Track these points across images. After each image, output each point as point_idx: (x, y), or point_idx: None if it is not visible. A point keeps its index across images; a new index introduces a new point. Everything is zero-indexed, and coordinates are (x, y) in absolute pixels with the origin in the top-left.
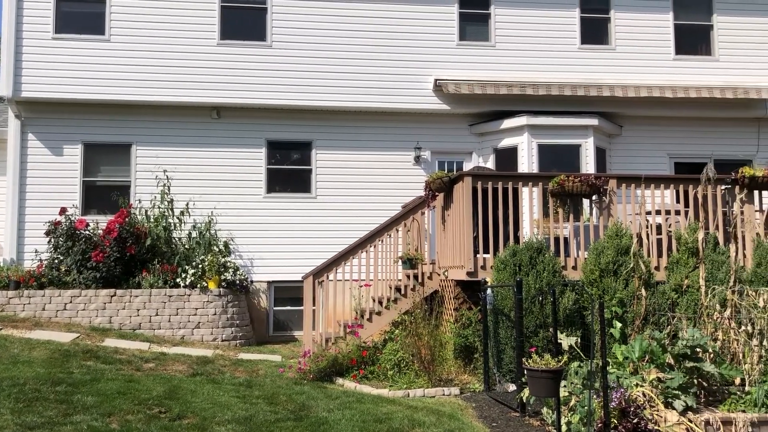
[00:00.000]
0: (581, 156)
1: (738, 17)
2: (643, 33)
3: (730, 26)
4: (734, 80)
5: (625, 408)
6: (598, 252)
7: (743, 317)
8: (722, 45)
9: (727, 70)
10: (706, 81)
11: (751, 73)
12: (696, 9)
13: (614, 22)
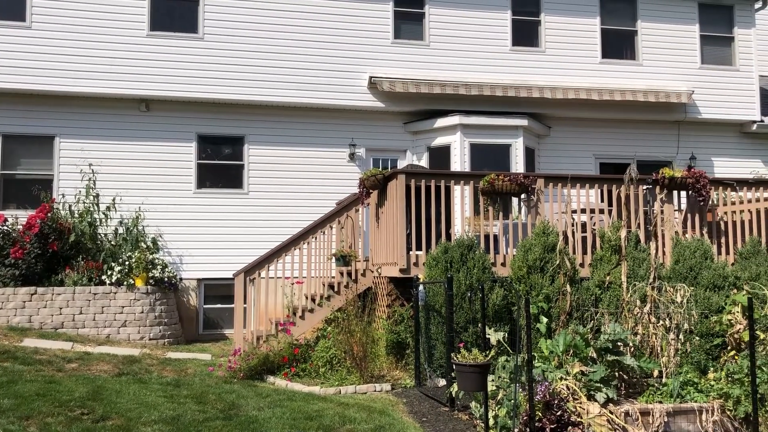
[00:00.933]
0: (511, 155)
1: (661, 24)
2: (571, 36)
3: (654, 32)
4: (657, 84)
5: (550, 401)
6: (526, 249)
7: (662, 312)
8: (646, 50)
9: (650, 74)
10: (631, 84)
11: (673, 78)
12: (622, 15)
13: (544, 25)
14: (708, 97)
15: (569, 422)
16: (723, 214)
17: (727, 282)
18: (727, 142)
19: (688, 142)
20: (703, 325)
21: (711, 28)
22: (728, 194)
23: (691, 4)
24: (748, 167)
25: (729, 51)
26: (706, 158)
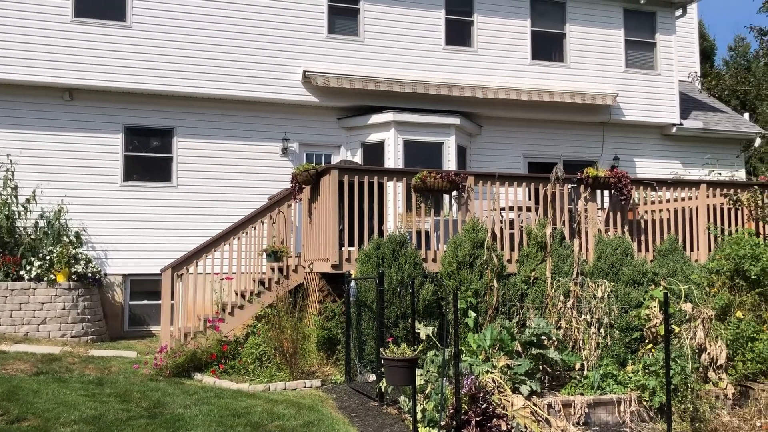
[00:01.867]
0: (444, 153)
1: (588, 27)
2: (503, 37)
3: (581, 36)
4: (583, 86)
5: (476, 394)
6: (456, 245)
7: (584, 307)
8: (573, 53)
9: (577, 76)
10: (559, 86)
11: (599, 80)
12: (551, 17)
13: (477, 26)
14: (631, 100)
15: (494, 414)
16: (643, 213)
17: (646, 278)
18: (648, 144)
19: (612, 143)
20: (623, 320)
21: (635, 34)
22: (648, 194)
23: (617, 10)
24: (668, 168)
25: (651, 56)
26: (629, 159)
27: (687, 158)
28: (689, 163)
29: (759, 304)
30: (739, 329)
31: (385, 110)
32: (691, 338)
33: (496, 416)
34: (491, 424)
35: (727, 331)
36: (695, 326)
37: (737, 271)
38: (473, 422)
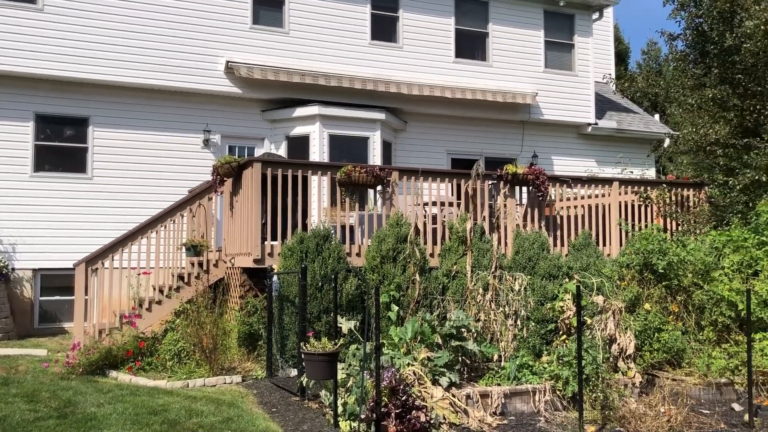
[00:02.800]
0: (369, 148)
1: (510, 27)
2: (427, 34)
3: (503, 35)
4: (505, 85)
5: (396, 386)
6: (380, 240)
7: (502, 300)
8: (496, 52)
9: (499, 75)
10: (482, 84)
11: (519, 80)
12: (475, 16)
13: (402, 22)
14: (550, 100)
15: (414, 406)
16: (560, 209)
17: (561, 272)
18: (566, 142)
19: (531, 141)
20: (539, 312)
21: (554, 35)
22: (564, 191)
23: (538, 11)
24: (583, 166)
25: (570, 57)
26: (547, 157)
27: (601, 157)
28: (603, 161)
29: (665, 296)
30: (647, 321)
31: (310, 103)
32: (603, 329)
33: (416, 408)
34: (411, 416)
35: (636, 323)
36: (606, 318)
37: (646, 265)
38: (393, 414)
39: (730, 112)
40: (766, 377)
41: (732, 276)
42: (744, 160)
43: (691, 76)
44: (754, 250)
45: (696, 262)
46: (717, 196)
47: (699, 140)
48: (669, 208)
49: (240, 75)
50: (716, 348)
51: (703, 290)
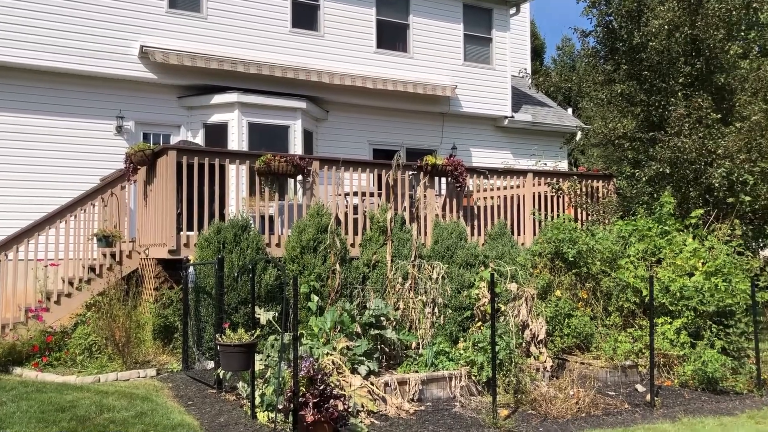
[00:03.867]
0: (290, 137)
1: (430, 20)
2: (349, 24)
3: (424, 27)
4: (426, 77)
5: (314, 376)
6: (300, 230)
7: (421, 288)
8: (416, 44)
9: (420, 67)
10: (403, 76)
11: (439, 72)
12: (396, 7)
13: (323, 10)
14: (469, 93)
15: (332, 395)
16: (477, 200)
17: (477, 260)
18: (483, 135)
19: (451, 133)
20: (456, 300)
21: (473, 28)
22: (482, 182)
23: (457, 4)
24: (500, 158)
25: (488, 51)
26: (466, 148)
27: (517, 149)
28: (519, 153)
29: (575, 283)
30: (558, 307)
31: (229, 90)
32: (516, 316)
33: (334, 397)
34: (329, 404)
35: (548, 309)
36: (520, 305)
37: (557, 253)
38: (311, 404)
39: (637, 107)
40: (667, 359)
41: (637, 264)
42: (649, 153)
43: (602, 72)
44: (658, 239)
45: (604, 251)
46: (625, 188)
47: (608, 134)
48: (579, 199)
49: (155, 60)
50: (622, 332)
51: (610, 277)
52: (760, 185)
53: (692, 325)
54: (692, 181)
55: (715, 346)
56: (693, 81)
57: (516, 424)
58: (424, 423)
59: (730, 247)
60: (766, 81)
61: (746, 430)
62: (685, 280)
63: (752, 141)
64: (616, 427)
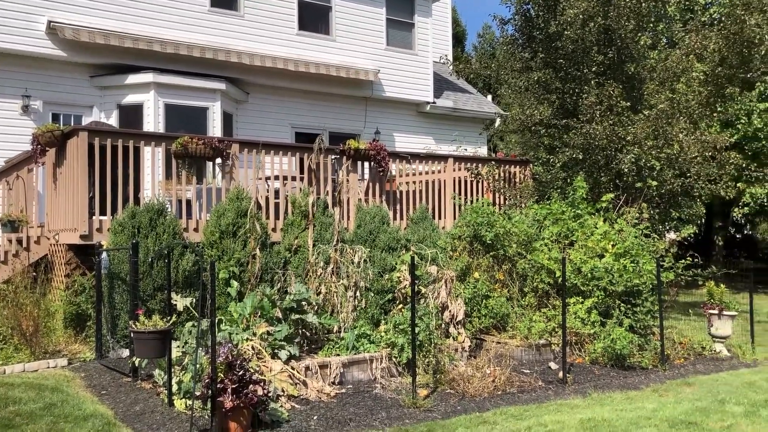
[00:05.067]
0: (209, 119)
1: (353, 3)
2: (270, 4)
3: (346, 10)
4: (348, 61)
5: (232, 362)
6: (220, 214)
7: (343, 272)
8: (339, 27)
9: (343, 50)
10: (325, 59)
11: (362, 56)
12: None
13: None
14: (391, 77)
15: (251, 380)
16: (400, 184)
17: (399, 244)
18: (406, 120)
19: (374, 118)
20: (378, 283)
21: (396, 13)
22: (404, 166)
23: None
24: (422, 143)
25: (410, 36)
26: (389, 133)
27: (439, 134)
28: (441, 139)
29: (492, 265)
30: (476, 288)
31: (144, 70)
32: (436, 298)
33: (253, 382)
34: (248, 390)
35: (466, 291)
36: (440, 287)
37: (476, 236)
38: (229, 390)
39: (552, 95)
40: (579, 338)
41: (551, 246)
42: (564, 139)
43: (520, 60)
44: (571, 222)
45: (520, 234)
46: (540, 173)
47: (525, 120)
48: (498, 184)
49: (65, 37)
50: (537, 312)
51: (526, 259)
52: (666, 170)
53: (602, 304)
54: (603, 167)
55: (623, 325)
56: (605, 70)
57: (435, 403)
58: (344, 405)
59: (638, 229)
60: (672, 71)
61: (651, 402)
62: (596, 262)
63: (659, 128)
64: (530, 403)
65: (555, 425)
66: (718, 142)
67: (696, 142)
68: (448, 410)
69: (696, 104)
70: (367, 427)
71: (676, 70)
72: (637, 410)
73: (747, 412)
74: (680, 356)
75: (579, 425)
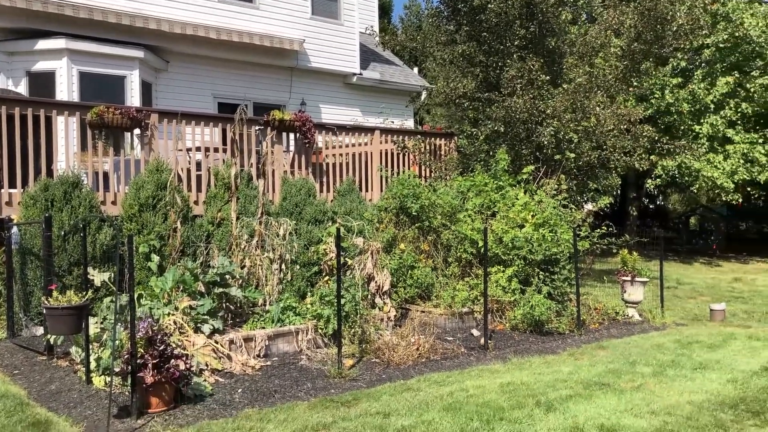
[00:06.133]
0: (127, 88)
1: None
2: None
3: None
4: (272, 30)
5: (153, 337)
6: (139, 187)
7: (268, 245)
8: None
9: (267, 19)
10: (249, 27)
11: (287, 25)
12: None
13: None
14: (317, 48)
15: (173, 355)
16: (326, 156)
17: (326, 216)
18: (332, 91)
19: (300, 88)
20: (305, 256)
21: None
22: (331, 138)
23: None
24: (349, 115)
25: (336, 6)
26: (315, 105)
27: (366, 107)
28: (368, 111)
29: (418, 237)
30: (402, 259)
31: (56, 36)
32: (362, 269)
33: (175, 357)
34: (169, 365)
35: (392, 262)
36: (366, 258)
37: (402, 208)
38: (150, 365)
39: (476, 68)
40: (500, 305)
41: (474, 217)
42: (487, 112)
43: (444, 32)
44: (493, 193)
45: (444, 205)
46: (465, 146)
47: (450, 93)
48: (423, 157)
49: None
50: (460, 282)
51: (450, 230)
52: (583, 143)
53: (522, 272)
54: (524, 140)
55: (542, 292)
56: (527, 44)
57: (360, 372)
58: (269, 378)
59: (556, 200)
60: (591, 46)
61: (567, 366)
62: (516, 232)
63: (577, 102)
64: (453, 370)
65: (476, 390)
66: (633, 115)
67: (612, 116)
68: (373, 379)
69: (613, 78)
70: (292, 398)
71: (594, 45)
72: (554, 373)
73: (655, 372)
74: (595, 321)
75: (499, 389)
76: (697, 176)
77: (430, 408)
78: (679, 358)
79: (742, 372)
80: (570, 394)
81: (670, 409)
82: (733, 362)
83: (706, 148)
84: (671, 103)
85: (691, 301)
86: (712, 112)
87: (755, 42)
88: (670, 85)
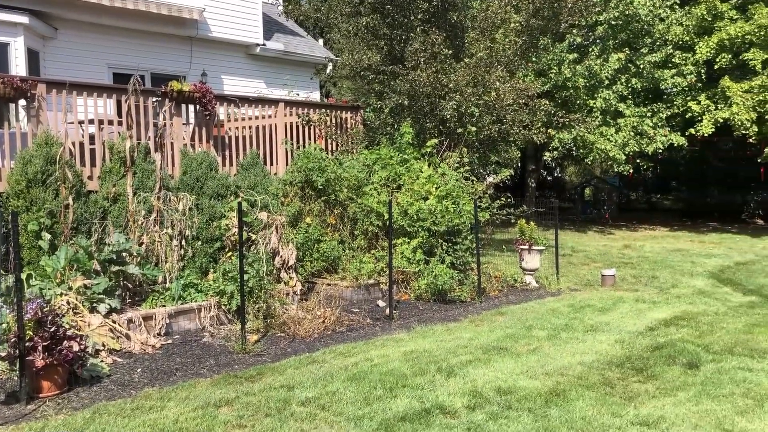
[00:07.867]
0: (10, 56)
1: None
2: None
3: None
4: None
5: (43, 318)
6: (26, 161)
7: (167, 221)
8: None
9: None
10: None
11: None
12: None
13: None
14: (218, 17)
15: (65, 336)
16: (229, 129)
17: (229, 191)
18: (235, 62)
19: (201, 59)
20: (207, 231)
21: None
22: (233, 111)
23: None
24: (253, 87)
25: None
26: (217, 76)
27: (270, 78)
28: (273, 83)
29: (324, 210)
30: (308, 233)
31: None
32: (267, 244)
33: (68, 338)
34: (62, 347)
35: (298, 236)
36: (270, 233)
37: (307, 182)
38: (40, 348)
39: (381, 41)
40: (405, 276)
41: (380, 190)
42: (392, 85)
43: (349, 3)
44: (398, 166)
45: (351, 179)
46: (371, 119)
47: (355, 66)
48: (329, 130)
49: None
50: (367, 254)
51: (356, 203)
52: (484, 117)
53: (427, 243)
54: (428, 113)
55: (445, 262)
56: (430, 17)
57: (265, 347)
58: (171, 356)
59: (459, 173)
60: (492, 21)
61: (468, 332)
62: (421, 204)
63: (478, 76)
64: (358, 341)
65: (381, 359)
66: (531, 89)
67: (512, 90)
68: (278, 353)
69: (512, 54)
70: (194, 375)
71: (495, 20)
72: (456, 340)
73: (549, 335)
74: (495, 289)
75: (402, 357)
76: (592, 148)
77: (335, 379)
78: (572, 321)
79: (629, 333)
80: (470, 360)
81: (562, 369)
82: (621, 324)
83: (600, 122)
84: (568, 78)
85: (584, 268)
86: (605, 87)
87: (644, 20)
88: (567, 61)
